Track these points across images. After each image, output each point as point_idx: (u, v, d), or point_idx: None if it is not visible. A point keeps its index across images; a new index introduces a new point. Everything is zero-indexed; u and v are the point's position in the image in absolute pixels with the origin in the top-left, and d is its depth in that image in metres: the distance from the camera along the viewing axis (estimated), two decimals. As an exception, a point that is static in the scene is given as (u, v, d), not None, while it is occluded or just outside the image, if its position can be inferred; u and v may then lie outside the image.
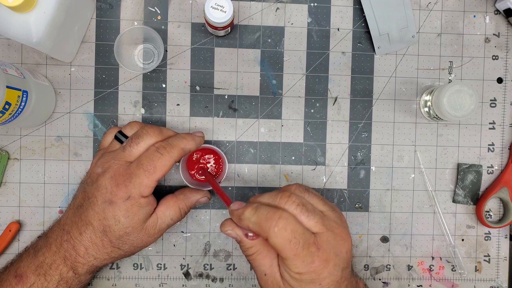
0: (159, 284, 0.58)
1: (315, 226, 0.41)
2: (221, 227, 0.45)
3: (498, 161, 0.60)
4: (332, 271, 0.41)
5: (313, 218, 0.42)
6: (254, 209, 0.41)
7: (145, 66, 0.57)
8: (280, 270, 0.43)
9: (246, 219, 0.41)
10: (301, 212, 0.41)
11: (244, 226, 0.42)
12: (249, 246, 0.44)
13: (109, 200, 0.47)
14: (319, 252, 0.40)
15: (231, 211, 0.44)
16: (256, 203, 0.43)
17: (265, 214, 0.40)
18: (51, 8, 0.44)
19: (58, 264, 0.47)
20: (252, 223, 0.41)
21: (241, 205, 0.43)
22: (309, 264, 0.40)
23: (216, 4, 0.50)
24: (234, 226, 0.44)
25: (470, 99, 0.53)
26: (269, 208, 0.41)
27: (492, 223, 0.59)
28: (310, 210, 0.42)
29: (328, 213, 0.44)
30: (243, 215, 0.42)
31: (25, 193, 0.56)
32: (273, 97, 0.58)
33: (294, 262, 0.40)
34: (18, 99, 0.46)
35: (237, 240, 0.45)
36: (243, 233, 0.43)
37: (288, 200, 0.42)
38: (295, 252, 0.39)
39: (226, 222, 0.45)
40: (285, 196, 0.42)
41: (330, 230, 0.42)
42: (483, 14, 0.59)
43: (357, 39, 0.58)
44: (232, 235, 0.44)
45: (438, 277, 0.60)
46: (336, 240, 0.42)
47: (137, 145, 0.48)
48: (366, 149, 0.59)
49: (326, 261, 0.41)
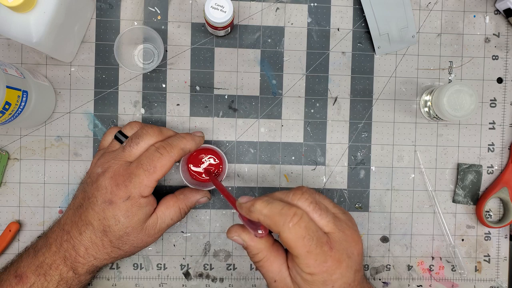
0: (159, 284, 0.58)
1: (327, 225, 0.41)
2: (227, 233, 0.45)
3: (498, 161, 0.60)
4: (344, 272, 0.41)
5: (326, 217, 0.41)
6: (266, 201, 0.40)
7: (145, 66, 0.57)
8: (291, 273, 0.42)
9: (257, 211, 0.40)
10: (314, 210, 0.41)
11: (254, 218, 0.41)
12: (256, 252, 0.43)
13: (109, 200, 0.47)
14: (332, 252, 0.40)
15: (239, 204, 0.43)
16: (267, 197, 0.42)
17: (280, 208, 0.40)
18: (51, 8, 0.44)
19: (58, 264, 0.47)
20: (264, 216, 0.40)
21: (249, 198, 0.42)
22: (321, 264, 0.39)
23: (216, 4, 0.50)
24: (240, 231, 0.44)
25: (470, 99, 0.53)
26: (283, 204, 0.40)
27: (492, 223, 0.59)
28: (323, 209, 0.42)
29: (340, 215, 0.43)
30: (253, 207, 0.41)
31: (25, 193, 0.56)
32: (273, 97, 0.58)
33: (307, 261, 0.39)
34: (18, 99, 0.46)
35: (243, 246, 0.44)
36: (251, 229, 0.42)
37: (301, 197, 0.41)
38: (308, 249, 0.39)
39: (232, 228, 0.44)
40: (298, 193, 0.42)
41: (342, 231, 0.41)
42: (483, 14, 0.59)
43: (357, 39, 0.58)
44: (238, 241, 0.44)
45: (438, 277, 0.60)
46: (348, 242, 0.41)
47: (137, 145, 0.48)
48: (366, 149, 0.59)
49: (339, 262, 0.40)
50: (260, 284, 0.59)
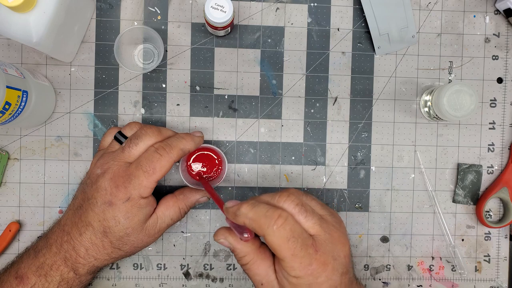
0: (159, 284, 0.58)
1: (313, 227, 0.41)
2: (214, 236, 0.45)
3: (498, 161, 0.60)
4: (330, 275, 0.40)
5: (312, 219, 0.41)
6: (251, 205, 0.41)
7: (145, 66, 0.56)
8: (278, 276, 0.42)
9: (242, 215, 0.41)
10: (300, 212, 0.41)
11: (240, 222, 0.41)
12: (242, 255, 0.43)
13: (108, 202, 0.47)
14: (317, 255, 0.40)
15: (226, 208, 0.43)
16: (253, 201, 0.42)
17: (264, 211, 0.40)
18: (51, 8, 0.44)
19: (59, 265, 0.47)
20: (249, 219, 0.40)
21: (236, 203, 0.43)
22: (306, 267, 0.39)
23: (216, 4, 0.50)
24: (227, 234, 0.44)
25: (470, 99, 0.53)
26: (268, 206, 0.40)
27: (492, 223, 0.59)
28: (309, 210, 0.42)
29: (327, 217, 0.43)
30: (239, 210, 0.41)
31: (25, 193, 0.56)
32: (273, 97, 0.58)
33: (292, 264, 0.39)
34: (18, 99, 0.46)
35: (230, 249, 0.44)
36: (238, 232, 0.42)
37: (287, 199, 0.41)
38: (293, 251, 0.39)
39: (219, 231, 0.45)
40: (283, 195, 0.42)
41: (328, 233, 0.41)
42: (483, 14, 0.59)
43: (357, 39, 0.58)
44: (224, 244, 0.44)
45: (438, 277, 0.60)
46: (334, 244, 0.41)
47: (136, 145, 0.48)
48: (366, 149, 0.59)
49: (324, 264, 0.40)
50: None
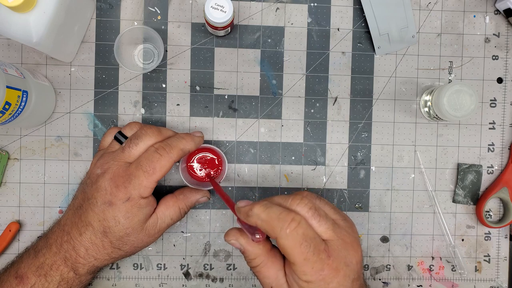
0: (159, 284, 0.58)
1: (325, 232, 0.40)
2: (225, 236, 0.44)
3: (498, 161, 0.60)
4: (342, 281, 0.40)
5: (325, 223, 0.40)
6: (264, 206, 0.40)
7: (145, 66, 0.56)
8: (288, 280, 0.42)
9: (255, 215, 0.40)
10: (313, 216, 0.40)
11: (252, 222, 0.41)
12: (253, 257, 0.43)
13: (108, 202, 0.47)
14: (330, 260, 0.39)
15: (238, 208, 0.42)
16: (266, 202, 0.41)
17: (278, 213, 0.39)
18: (51, 8, 0.44)
19: (59, 265, 0.47)
20: (261, 221, 0.40)
21: (248, 203, 0.42)
22: (318, 272, 0.39)
23: (216, 4, 0.50)
24: (238, 235, 0.43)
25: (470, 99, 0.53)
26: (282, 209, 0.40)
27: (492, 223, 0.59)
28: (322, 215, 0.41)
29: (340, 222, 0.42)
30: (251, 211, 0.40)
31: (25, 193, 0.56)
32: (273, 97, 0.58)
33: (303, 268, 0.39)
34: (18, 99, 0.46)
35: (240, 251, 0.44)
36: (249, 233, 0.42)
37: (300, 202, 0.41)
38: (305, 256, 0.38)
39: (230, 232, 0.44)
40: (297, 198, 0.41)
41: (341, 239, 0.41)
42: (483, 14, 0.59)
43: (357, 39, 0.58)
44: (235, 245, 0.43)
45: (438, 277, 0.60)
46: (346, 250, 0.41)
47: (136, 145, 0.48)
48: (366, 149, 0.59)
49: (336, 270, 0.39)
50: (260, 284, 0.59)
